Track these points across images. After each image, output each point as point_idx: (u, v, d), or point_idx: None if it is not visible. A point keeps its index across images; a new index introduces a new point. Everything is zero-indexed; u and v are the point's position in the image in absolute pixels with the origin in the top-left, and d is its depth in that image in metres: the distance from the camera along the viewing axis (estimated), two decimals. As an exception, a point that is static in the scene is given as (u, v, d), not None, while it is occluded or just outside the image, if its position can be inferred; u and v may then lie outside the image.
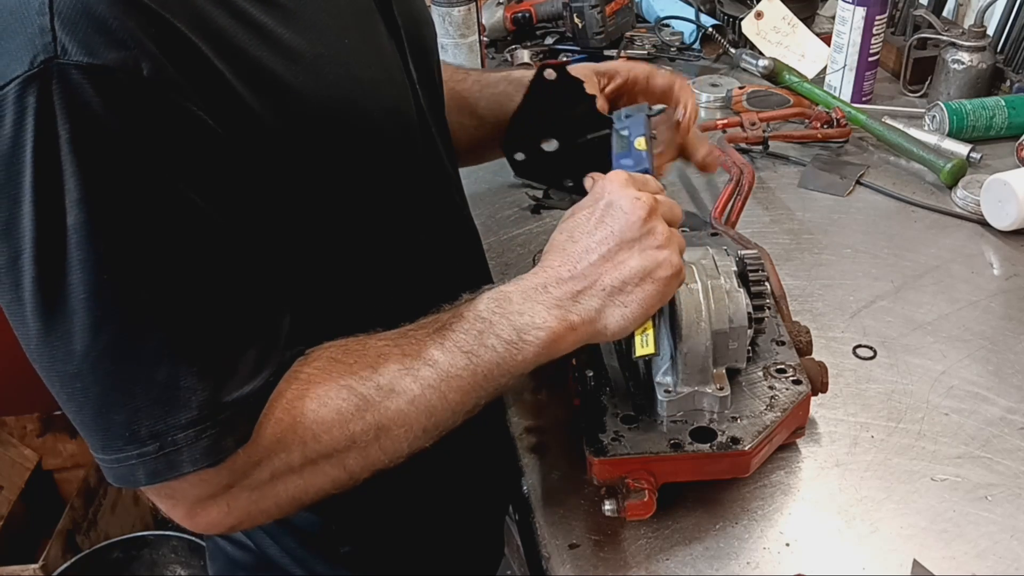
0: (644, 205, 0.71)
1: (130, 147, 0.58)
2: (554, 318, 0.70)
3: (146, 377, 0.61)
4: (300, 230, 0.72)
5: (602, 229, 0.72)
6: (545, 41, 1.75)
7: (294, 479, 0.67)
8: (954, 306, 1.07)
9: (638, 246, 0.71)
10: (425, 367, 0.69)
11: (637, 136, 0.83)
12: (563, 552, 0.80)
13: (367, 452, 0.68)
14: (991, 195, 1.20)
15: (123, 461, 0.62)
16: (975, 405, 0.93)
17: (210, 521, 0.67)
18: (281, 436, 0.66)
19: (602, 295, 0.71)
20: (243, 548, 0.93)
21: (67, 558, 1.90)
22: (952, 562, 0.77)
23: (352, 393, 0.67)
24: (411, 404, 0.69)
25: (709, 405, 0.81)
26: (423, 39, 0.87)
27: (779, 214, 1.26)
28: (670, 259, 0.71)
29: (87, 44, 0.56)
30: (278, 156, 0.68)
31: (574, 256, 0.72)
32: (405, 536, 0.94)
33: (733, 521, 0.81)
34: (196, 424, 0.62)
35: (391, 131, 0.77)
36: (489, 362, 0.70)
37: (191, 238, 0.62)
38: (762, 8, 1.65)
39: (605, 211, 0.72)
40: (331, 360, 0.69)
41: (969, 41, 1.45)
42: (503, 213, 1.28)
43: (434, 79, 0.89)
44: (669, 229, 0.73)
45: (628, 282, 0.71)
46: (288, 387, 0.67)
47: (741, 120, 1.40)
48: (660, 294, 0.72)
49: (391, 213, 0.80)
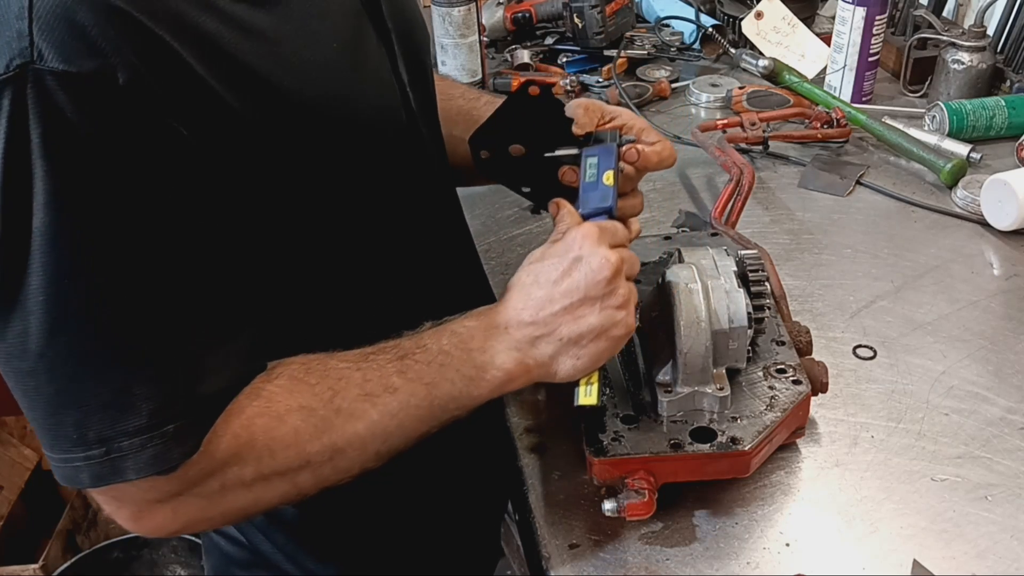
0: (611, 265, 0.72)
1: (99, 155, 0.59)
2: (512, 360, 0.73)
3: (99, 381, 0.61)
4: (287, 232, 0.72)
5: (568, 281, 0.73)
6: (545, 41, 1.75)
7: (244, 492, 0.68)
8: (954, 306, 1.07)
9: (599, 304, 0.72)
10: (385, 394, 0.71)
11: (606, 170, 0.83)
12: (563, 552, 0.80)
13: (320, 471, 0.70)
14: (991, 195, 1.20)
15: (69, 462, 0.63)
16: (975, 405, 0.93)
17: (155, 525, 0.68)
18: (237, 451, 0.66)
19: (557, 344, 0.73)
20: (236, 544, 0.93)
21: (67, 558, 1.90)
22: (952, 562, 0.77)
23: (311, 415, 0.69)
24: (368, 429, 0.70)
25: (709, 405, 0.81)
26: (415, 42, 0.87)
27: (779, 214, 1.26)
28: (626, 320, 0.74)
29: (63, 50, 0.56)
30: (264, 158, 0.68)
31: (537, 303, 0.73)
32: (400, 535, 0.94)
33: (733, 521, 0.81)
34: (144, 432, 0.62)
35: (379, 132, 0.77)
36: (447, 395, 0.72)
37: (156, 247, 0.62)
38: (762, 8, 1.65)
39: (573, 265, 0.73)
40: (292, 379, 0.70)
41: (969, 41, 1.45)
42: (503, 213, 1.28)
43: (426, 81, 0.89)
44: (630, 287, 0.75)
45: (584, 336, 0.73)
46: (249, 403, 0.67)
47: (741, 120, 1.40)
48: (610, 350, 0.74)
49: (379, 213, 0.80)
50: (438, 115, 0.94)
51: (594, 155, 0.84)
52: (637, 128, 0.89)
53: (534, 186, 0.93)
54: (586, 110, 0.88)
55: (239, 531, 0.92)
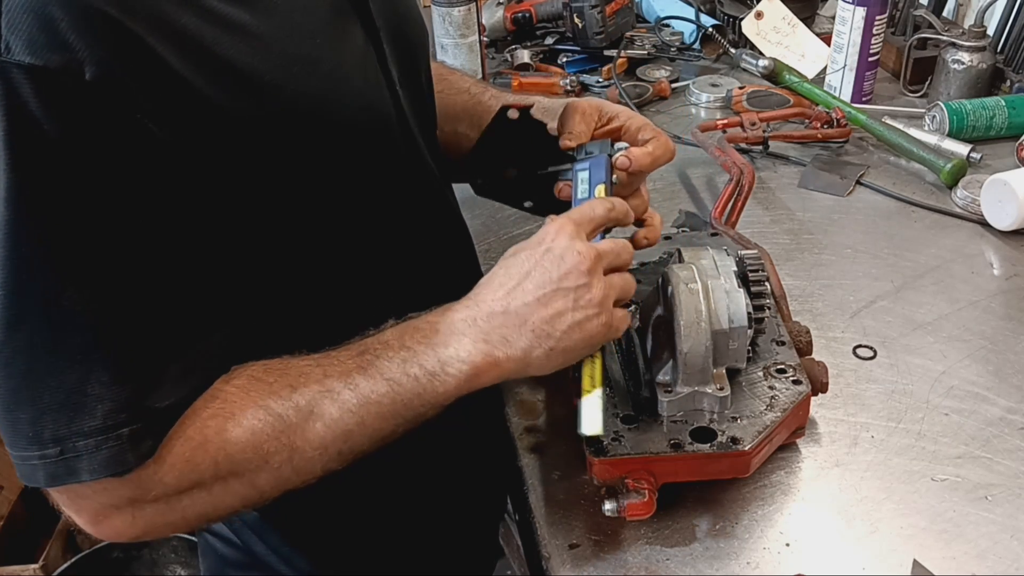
0: (585, 260, 0.71)
1: (63, 150, 0.59)
2: (479, 352, 0.70)
3: (56, 380, 0.61)
4: (268, 230, 0.72)
5: (539, 273, 0.71)
6: (545, 41, 1.75)
7: (203, 496, 0.67)
8: (954, 306, 1.07)
9: (572, 295, 0.71)
10: (346, 390, 0.69)
11: (597, 183, 0.81)
12: (563, 552, 0.80)
13: (279, 472, 0.68)
14: (991, 195, 1.20)
15: (26, 460, 0.63)
16: (975, 405, 0.93)
17: (115, 530, 0.67)
18: (190, 455, 0.66)
19: (530, 335, 0.71)
20: (231, 545, 0.93)
21: (67, 558, 1.90)
22: (952, 562, 0.77)
23: (269, 413, 0.67)
24: (328, 427, 0.69)
25: (709, 405, 0.81)
26: (408, 39, 0.86)
27: (779, 214, 1.26)
28: (600, 316, 0.72)
29: (31, 44, 0.56)
30: (245, 154, 0.67)
31: (507, 294, 0.71)
32: (398, 535, 0.94)
33: (733, 521, 0.81)
34: (99, 433, 0.62)
35: (364, 129, 0.77)
36: (410, 391, 0.70)
37: (119, 246, 0.62)
38: (762, 8, 1.65)
39: (544, 256, 0.72)
40: (251, 378, 0.69)
41: (969, 41, 1.45)
42: (503, 213, 1.28)
43: (419, 78, 0.89)
44: (609, 284, 0.73)
45: (557, 328, 0.71)
46: (204, 406, 0.67)
47: (741, 120, 1.40)
48: (587, 345, 0.73)
49: (365, 212, 0.79)
50: (435, 113, 0.94)
51: (585, 168, 0.84)
52: (634, 127, 0.89)
53: (536, 200, 0.93)
54: (582, 116, 0.88)
55: (233, 532, 0.92)
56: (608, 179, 0.81)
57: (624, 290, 0.75)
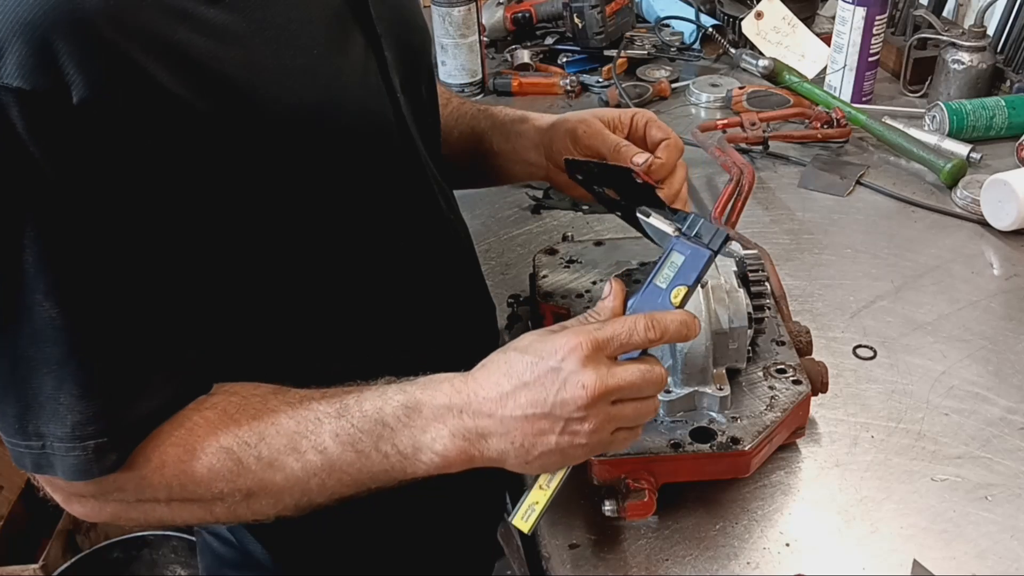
0: (588, 395, 0.66)
1: (47, 172, 0.60)
2: (455, 448, 0.69)
3: (37, 382, 0.64)
4: (266, 242, 0.72)
5: (537, 390, 0.67)
6: (545, 41, 1.75)
7: (159, 509, 0.71)
8: (954, 306, 1.07)
9: (562, 424, 0.67)
10: (313, 452, 0.69)
11: (680, 284, 0.71)
12: (563, 552, 0.80)
13: (234, 509, 0.70)
14: (991, 195, 1.20)
15: (15, 446, 0.67)
16: (975, 405, 0.93)
17: (84, 513, 0.72)
18: (148, 475, 0.68)
19: (509, 446, 0.68)
20: (227, 544, 0.93)
21: (67, 558, 1.90)
22: (952, 562, 0.77)
23: (229, 457, 0.68)
24: (287, 481, 0.69)
25: (709, 405, 0.81)
26: (411, 45, 0.85)
27: (779, 214, 1.26)
28: (584, 447, 0.68)
29: (19, 66, 0.57)
30: (241, 167, 0.68)
31: (499, 398, 0.68)
32: (396, 535, 0.94)
33: (733, 521, 0.81)
34: (68, 440, 0.65)
35: (362, 138, 0.77)
36: (378, 467, 0.70)
37: (101, 263, 0.64)
38: (762, 8, 1.65)
39: (548, 374, 0.66)
40: (224, 414, 0.70)
41: (969, 41, 1.45)
42: (503, 213, 1.28)
43: (421, 85, 0.88)
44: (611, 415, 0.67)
45: (536, 448, 0.68)
46: (171, 431, 0.68)
47: (741, 120, 1.40)
48: (563, 464, 0.70)
49: (366, 218, 0.79)
50: (438, 118, 0.94)
51: (683, 254, 0.72)
52: (641, 123, 0.89)
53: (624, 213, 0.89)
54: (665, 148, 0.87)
55: (230, 531, 0.92)
56: (695, 283, 0.72)
57: (634, 419, 0.70)
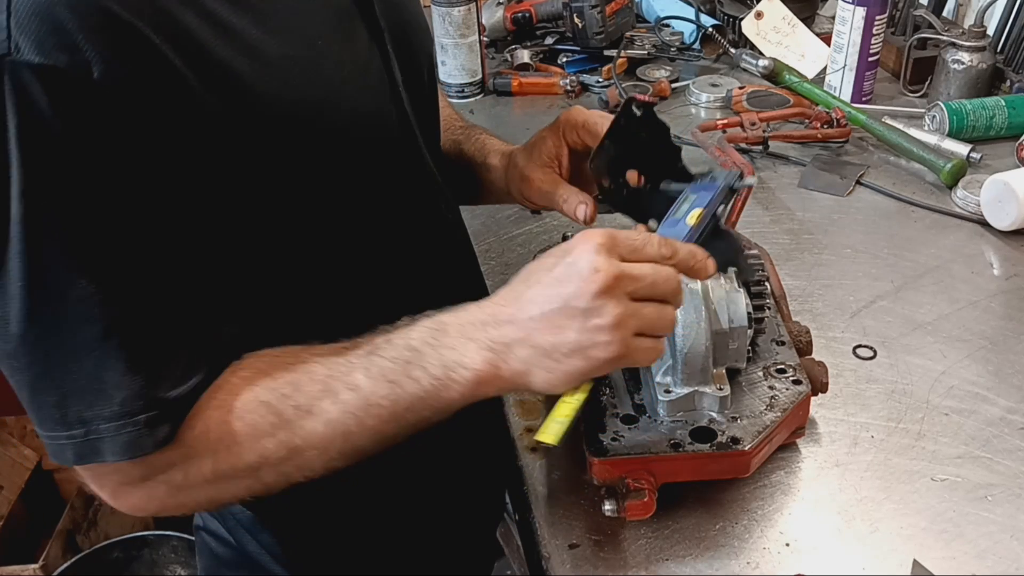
0: (601, 279, 0.64)
1: (72, 148, 0.60)
2: (483, 360, 0.67)
3: (75, 366, 0.63)
4: (270, 231, 0.72)
5: (553, 285, 0.66)
6: (545, 41, 1.75)
7: (206, 486, 0.69)
8: (954, 306, 1.07)
9: (580, 317, 0.65)
10: (347, 391, 0.68)
11: (696, 207, 0.72)
12: (563, 552, 0.80)
13: (280, 468, 0.69)
14: (991, 195, 1.20)
15: (55, 439, 0.65)
16: (975, 405, 0.93)
17: (133, 505, 0.70)
18: (193, 445, 0.67)
19: (532, 352, 0.66)
20: (225, 544, 0.93)
21: (67, 558, 1.90)
22: (952, 562, 0.77)
23: (269, 410, 0.68)
24: (327, 427, 0.68)
25: (709, 405, 0.81)
26: (413, 44, 0.86)
27: (779, 214, 1.26)
28: (609, 346, 0.65)
29: (40, 44, 0.57)
30: (242, 157, 0.68)
31: (521, 301, 0.67)
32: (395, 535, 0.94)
33: (733, 521, 0.81)
34: (118, 418, 0.64)
35: (364, 134, 0.77)
36: (412, 395, 0.68)
37: (129, 238, 0.64)
38: (762, 8, 1.65)
39: (564, 268, 0.66)
40: (258, 372, 0.70)
41: (969, 41, 1.45)
42: (503, 213, 1.28)
43: (423, 84, 0.89)
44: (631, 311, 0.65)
45: (557, 349, 0.66)
46: (211, 397, 0.68)
47: (741, 120, 1.40)
48: (589, 370, 0.67)
49: (365, 214, 0.79)
50: (439, 116, 0.94)
51: (696, 191, 0.75)
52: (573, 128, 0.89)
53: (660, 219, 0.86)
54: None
55: (227, 531, 0.92)
56: (712, 208, 0.72)
57: (654, 323, 0.67)
